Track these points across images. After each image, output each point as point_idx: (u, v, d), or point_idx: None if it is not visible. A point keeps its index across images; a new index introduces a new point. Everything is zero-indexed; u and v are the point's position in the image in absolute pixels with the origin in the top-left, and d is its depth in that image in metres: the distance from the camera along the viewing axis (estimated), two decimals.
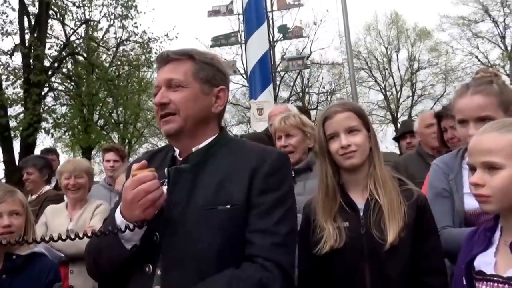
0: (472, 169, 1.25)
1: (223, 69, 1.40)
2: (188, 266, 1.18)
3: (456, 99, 1.68)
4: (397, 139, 4.52)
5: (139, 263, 1.24)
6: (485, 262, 1.23)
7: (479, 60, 22.99)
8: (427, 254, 1.50)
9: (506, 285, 1.16)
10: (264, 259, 1.18)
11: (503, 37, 22.69)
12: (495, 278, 1.18)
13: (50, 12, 14.69)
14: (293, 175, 2.17)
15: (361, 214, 1.54)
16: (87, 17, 15.81)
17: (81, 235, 1.19)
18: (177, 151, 1.38)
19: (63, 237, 1.16)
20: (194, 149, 1.33)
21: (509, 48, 21.75)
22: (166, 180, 1.30)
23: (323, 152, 1.62)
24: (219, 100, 1.36)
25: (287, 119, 2.45)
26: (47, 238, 1.16)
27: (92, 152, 16.88)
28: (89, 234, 1.21)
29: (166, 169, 1.32)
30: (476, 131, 1.38)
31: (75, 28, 15.63)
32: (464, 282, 1.25)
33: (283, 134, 2.43)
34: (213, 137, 1.36)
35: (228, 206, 1.22)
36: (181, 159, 1.35)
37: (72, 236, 1.17)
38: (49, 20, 14.84)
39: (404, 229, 1.47)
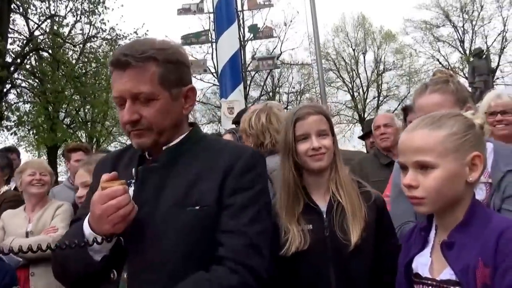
0: (404, 168, 1.19)
1: (186, 60, 1.28)
2: (155, 270, 1.14)
3: (416, 98, 1.76)
4: (362, 137, 4.64)
5: (105, 270, 1.18)
6: (421, 263, 1.20)
7: (440, 63, 24.03)
8: (387, 254, 1.53)
9: None
10: (235, 262, 1.12)
11: (462, 42, 23.85)
12: (429, 282, 1.16)
13: (12, 6, 14.17)
14: None
15: (324, 216, 1.55)
16: (52, 12, 15.38)
17: (43, 246, 1.11)
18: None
19: (24, 249, 1.06)
20: (164, 148, 1.27)
21: (467, 52, 22.82)
22: (134, 180, 1.25)
23: (289, 152, 1.59)
24: (189, 99, 1.29)
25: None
26: (6, 250, 1.08)
27: (58, 151, 16.39)
28: (53, 246, 1.12)
29: (133, 169, 1.27)
30: None
31: (39, 23, 15.15)
32: (404, 285, 1.24)
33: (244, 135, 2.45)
34: (184, 135, 1.30)
35: (197, 208, 1.16)
36: (150, 158, 1.29)
37: (34, 249, 1.08)
38: (11, 14, 14.29)
39: (366, 230, 1.50)
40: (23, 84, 15.29)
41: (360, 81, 25.67)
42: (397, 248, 1.57)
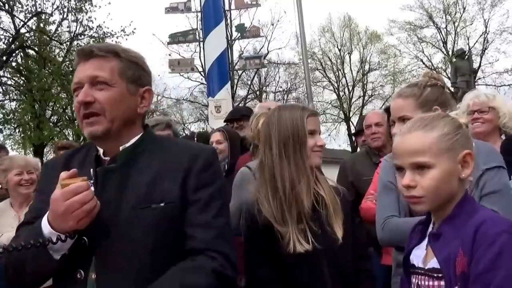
0: (400, 169, 1.24)
1: (147, 69, 1.37)
2: (123, 268, 1.16)
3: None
4: (355, 135, 4.65)
5: (69, 270, 1.18)
6: (417, 255, 1.26)
7: (423, 63, 24.46)
8: (358, 243, 1.67)
9: (426, 277, 1.19)
10: (210, 250, 1.20)
11: (445, 43, 24.28)
12: (420, 271, 1.22)
13: None
14: None
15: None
16: (39, 9, 15.22)
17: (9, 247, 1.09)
18: (100, 151, 1.32)
19: None
20: (121, 148, 1.29)
21: (450, 52, 23.27)
22: (93, 181, 1.24)
23: (301, 146, 1.58)
24: (144, 100, 1.33)
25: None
26: None
27: (45, 150, 16.27)
28: (10, 249, 1.10)
29: (92, 170, 1.27)
30: (398, 130, 1.41)
31: (26, 21, 15.02)
32: (404, 277, 1.30)
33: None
34: (139, 136, 1.32)
35: (162, 204, 1.20)
36: (107, 158, 1.30)
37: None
38: None
39: (345, 223, 1.57)
40: (9, 82, 15.16)
41: (346, 80, 25.98)
42: (364, 237, 1.72)
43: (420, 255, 1.24)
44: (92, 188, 1.19)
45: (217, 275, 1.18)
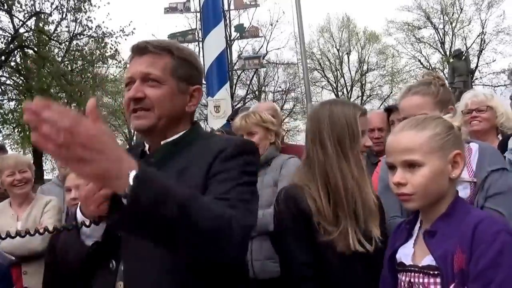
0: (392, 168, 1.26)
1: (199, 67, 1.38)
2: (147, 257, 1.15)
3: (400, 100, 1.82)
4: None
5: (104, 260, 1.22)
6: (404, 253, 1.27)
7: (421, 63, 24.56)
8: None
9: (421, 274, 1.20)
10: (231, 201, 1.12)
11: (442, 43, 24.37)
12: (412, 268, 1.23)
13: None
14: None
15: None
16: (38, 9, 15.19)
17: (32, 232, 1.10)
18: (147, 147, 1.36)
19: (12, 235, 1.07)
20: (162, 142, 1.31)
21: (447, 53, 23.33)
22: None
23: (357, 143, 1.56)
24: (194, 99, 1.34)
25: (248, 118, 2.48)
26: None
27: None
28: (41, 231, 1.11)
29: None
30: None
31: (25, 20, 14.99)
32: (388, 276, 1.31)
33: (244, 133, 2.47)
34: (183, 132, 1.33)
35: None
36: (149, 153, 1.34)
37: (23, 234, 1.09)
38: None
39: (381, 225, 1.56)
40: (8, 82, 15.13)
41: (344, 80, 26.04)
42: None
43: (408, 254, 1.26)
44: None
45: (226, 222, 1.04)
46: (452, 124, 1.29)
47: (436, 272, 1.16)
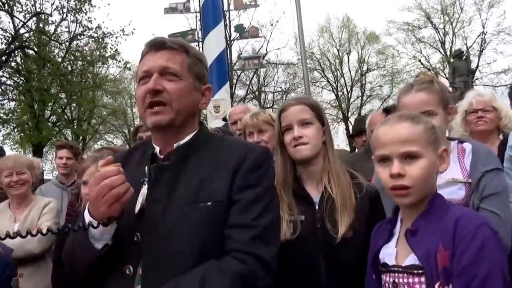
0: (383, 160, 1.24)
1: (207, 67, 1.40)
2: (169, 265, 1.14)
3: (400, 97, 1.78)
4: (352, 136, 4.60)
5: (118, 265, 1.19)
6: (387, 253, 1.26)
7: (421, 63, 24.53)
8: None
9: (405, 274, 1.19)
10: (243, 253, 1.14)
11: (443, 43, 24.37)
12: (395, 268, 1.22)
13: None
14: None
15: (317, 207, 1.56)
16: (38, 9, 15.24)
17: (34, 232, 1.07)
18: (157, 149, 1.32)
19: (12, 235, 1.04)
20: (175, 145, 1.28)
21: (448, 53, 23.37)
22: (147, 178, 1.25)
23: (278, 144, 1.65)
24: (204, 97, 1.35)
25: (258, 115, 2.48)
26: None
27: (44, 149, 16.29)
28: (44, 232, 1.09)
29: (146, 167, 1.27)
30: None
31: (25, 21, 15.03)
32: (372, 276, 1.30)
33: (255, 130, 2.46)
34: (194, 133, 1.32)
35: (210, 203, 1.18)
36: (162, 156, 1.30)
37: (24, 234, 1.06)
38: None
39: (356, 221, 1.51)
40: (8, 82, 15.17)
41: (344, 80, 26.04)
42: None
43: (391, 254, 1.25)
44: (144, 190, 1.21)
45: (243, 280, 1.11)
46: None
47: (420, 271, 1.16)
